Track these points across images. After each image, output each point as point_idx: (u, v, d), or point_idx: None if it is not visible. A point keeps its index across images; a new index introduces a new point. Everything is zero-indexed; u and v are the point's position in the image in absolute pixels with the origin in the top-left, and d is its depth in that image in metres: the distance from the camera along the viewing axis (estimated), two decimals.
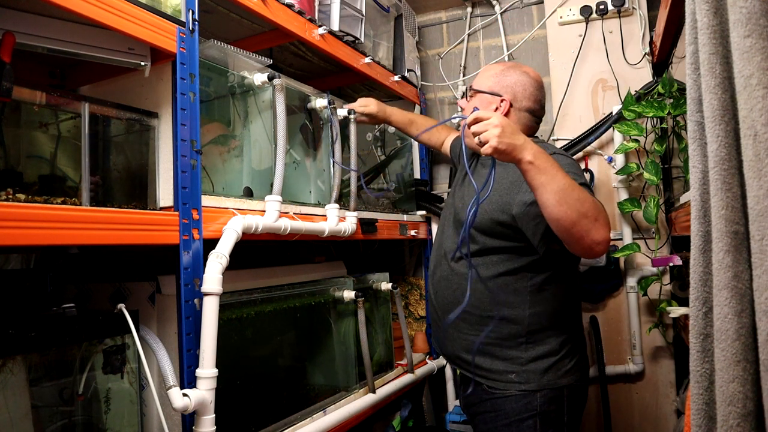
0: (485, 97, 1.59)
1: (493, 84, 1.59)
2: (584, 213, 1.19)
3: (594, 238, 1.21)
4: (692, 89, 0.82)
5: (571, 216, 1.19)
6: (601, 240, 1.21)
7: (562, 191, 1.18)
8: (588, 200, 1.22)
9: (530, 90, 1.58)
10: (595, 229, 1.20)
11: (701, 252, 0.79)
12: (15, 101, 1.02)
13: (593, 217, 1.20)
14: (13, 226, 0.90)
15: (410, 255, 2.69)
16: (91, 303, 1.41)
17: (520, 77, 1.58)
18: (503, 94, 1.56)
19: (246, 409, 1.45)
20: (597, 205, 1.24)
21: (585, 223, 1.19)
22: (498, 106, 1.56)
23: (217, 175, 1.51)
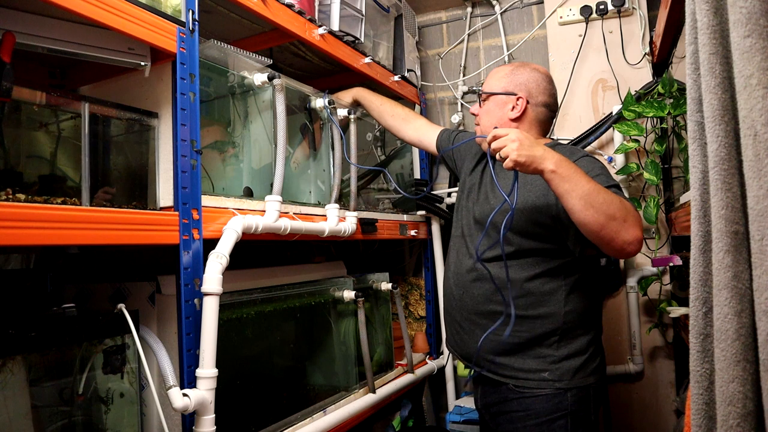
0: (500, 98, 1.58)
1: (506, 84, 1.58)
2: (612, 215, 1.21)
3: (624, 238, 1.22)
4: (692, 89, 0.82)
5: (598, 219, 1.21)
6: (633, 240, 1.22)
7: (587, 196, 1.20)
8: (615, 202, 1.22)
9: (543, 84, 1.57)
10: (625, 230, 1.21)
11: (701, 252, 0.79)
12: (15, 101, 1.02)
13: (621, 218, 1.21)
14: (13, 226, 0.90)
15: (410, 255, 2.69)
16: (91, 303, 1.41)
17: (532, 74, 1.57)
18: (518, 92, 1.55)
19: (246, 409, 1.45)
20: (625, 205, 1.24)
21: (613, 226, 1.21)
22: (514, 104, 1.55)
23: (217, 176, 1.51)
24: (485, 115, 1.60)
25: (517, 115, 1.55)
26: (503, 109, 1.57)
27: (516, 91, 1.56)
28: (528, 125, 1.57)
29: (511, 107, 1.56)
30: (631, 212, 1.24)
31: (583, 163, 1.36)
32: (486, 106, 1.60)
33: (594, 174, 1.33)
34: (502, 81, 1.59)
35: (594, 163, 1.44)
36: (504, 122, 1.55)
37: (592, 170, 1.37)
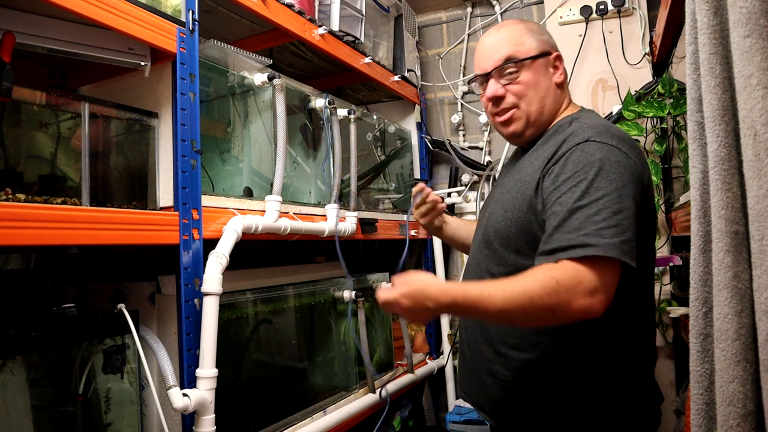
0: (539, 64, 1.22)
1: (538, 44, 1.23)
2: (541, 308, 0.96)
3: (575, 315, 0.97)
4: (692, 89, 0.82)
5: (530, 320, 1.01)
6: (584, 308, 0.96)
7: (501, 311, 0.99)
8: (535, 293, 0.96)
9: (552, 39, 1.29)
10: (568, 309, 0.96)
11: (701, 252, 0.79)
12: (15, 101, 1.02)
13: (555, 303, 0.96)
14: (13, 226, 0.90)
15: (410, 255, 2.69)
16: (91, 303, 1.41)
17: (544, 29, 1.30)
18: (552, 50, 1.25)
19: (246, 409, 1.45)
20: (550, 284, 0.96)
21: (552, 315, 0.98)
22: (555, 66, 1.25)
23: (217, 175, 1.51)
24: (529, 89, 1.21)
25: (561, 79, 1.25)
26: (548, 76, 1.23)
27: (550, 50, 1.24)
28: (566, 90, 1.28)
29: (552, 71, 1.24)
30: (564, 283, 0.96)
31: (574, 156, 1.08)
32: (526, 78, 1.21)
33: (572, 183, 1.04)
34: (530, 39, 1.23)
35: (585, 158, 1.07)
36: (552, 91, 1.24)
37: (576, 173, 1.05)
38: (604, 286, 0.97)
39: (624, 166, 1.05)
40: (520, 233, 1.14)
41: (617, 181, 1.03)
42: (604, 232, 0.98)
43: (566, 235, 1.00)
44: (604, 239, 0.97)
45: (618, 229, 0.98)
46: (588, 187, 1.02)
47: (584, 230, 0.99)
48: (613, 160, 1.05)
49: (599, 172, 1.03)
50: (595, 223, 0.99)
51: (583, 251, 0.97)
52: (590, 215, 1.00)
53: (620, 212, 1.00)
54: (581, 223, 1.00)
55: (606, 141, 1.08)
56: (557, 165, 1.09)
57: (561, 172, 1.07)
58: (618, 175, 1.03)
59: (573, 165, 1.06)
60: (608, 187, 1.02)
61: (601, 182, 1.02)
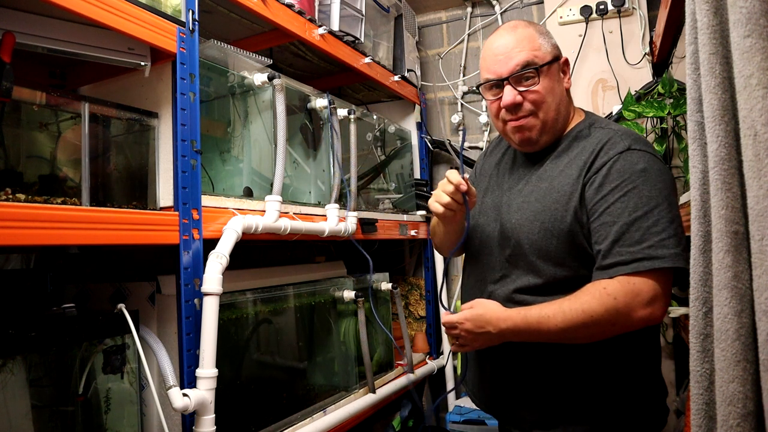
0: (554, 69, 1.19)
1: (552, 49, 1.20)
2: (601, 323, 1.01)
3: (635, 324, 1.02)
4: (692, 89, 0.82)
5: (594, 335, 1.05)
6: (645, 318, 1.01)
7: (561, 334, 1.04)
8: (593, 309, 1.01)
9: None
10: (629, 319, 1.01)
11: (701, 252, 0.79)
12: (15, 101, 1.02)
13: (615, 317, 1.01)
14: (13, 226, 0.90)
15: (410, 255, 2.69)
16: (91, 303, 1.41)
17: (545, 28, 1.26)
18: (561, 54, 1.23)
19: (246, 409, 1.45)
20: (607, 301, 1.01)
21: (614, 327, 1.02)
22: (562, 70, 1.22)
23: (217, 176, 1.51)
24: (549, 95, 1.18)
25: (570, 84, 1.23)
26: (561, 81, 1.21)
27: (560, 54, 1.22)
28: (569, 96, 1.25)
29: (562, 76, 1.21)
30: (622, 298, 1.00)
31: (618, 165, 1.07)
32: (544, 84, 1.17)
33: (621, 192, 1.05)
34: (545, 43, 1.20)
35: (631, 167, 1.07)
36: (564, 97, 1.21)
37: (623, 182, 1.06)
38: (663, 294, 1.02)
39: (666, 173, 1.08)
40: (564, 245, 1.12)
41: (665, 190, 1.05)
42: (667, 242, 1.01)
43: (628, 248, 1.02)
44: (669, 250, 1.01)
45: (677, 238, 1.02)
46: (639, 197, 1.04)
47: (647, 242, 1.02)
48: (656, 168, 1.07)
49: (647, 180, 1.05)
50: (656, 234, 1.02)
51: (651, 264, 1.00)
52: (649, 227, 1.02)
53: (674, 221, 1.03)
54: (642, 236, 1.02)
55: (645, 149, 1.10)
56: (599, 174, 1.09)
57: (605, 182, 1.08)
58: (663, 183, 1.06)
59: (618, 174, 1.07)
60: (659, 197, 1.04)
61: (652, 191, 1.04)
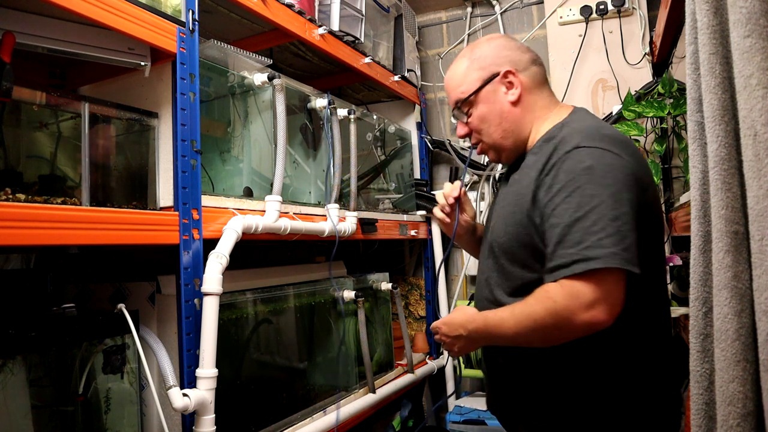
0: (487, 92, 1.21)
1: (479, 74, 1.22)
2: (543, 327, 1.01)
3: (580, 329, 0.99)
4: (692, 89, 0.82)
5: (545, 341, 1.06)
6: (589, 322, 0.98)
7: (515, 335, 1.05)
8: (539, 316, 1.01)
9: (513, 43, 1.24)
10: (573, 324, 0.98)
11: (701, 252, 0.79)
12: (15, 101, 1.02)
13: (559, 322, 0.99)
14: (13, 226, 0.90)
15: (410, 255, 2.69)
16: (91, 303, 1.41)
17: (493, 43, 1.25)
18: (499, 68, 1.20)
19: (246, 409, 1.45)
20: (549, 305, 1.00)
21: (560, 332, 1.01)
22: (506, 84, 1.20)
23: (217, 176, 1.51)
24: (483, 122, 1.23)
25: (517, 94, 1.20)
26: (498, 101, 1.21)
27: (496, 70, 1.20)
28: (532, 98, 1.21)
29: (505, 90, 1.20)
30: (561, 301, 0.98)
31: (565, 165, 1.06)
32: (476, 113, 1.23)
33: (566, 193, 1.03)
34: (469, 75, 1.23)
35: (577, 165, 1.04)
36: (507, 114, 1.21)
37: (569, 182, 1.04)
38: (606, 296, 0.97)
39: (617, 168, 1.02)
40: (523, 248, 1.12)
41: (611, 186, 1.00)
42: (604, 242, 0.96)
43: (567, 250, 0.99)
44: (605, 250, 0.96)
45: (617, 236, 0.97)
46: (582, 196, 1.00)
47: (584, 243, 0.98)
48: (605, 163, 1.02)
49: (591, 178, 1.01)
50: (593, 234, 0.97)
51: (587, 265, 0.96)
52: (588, 227, 0.98)
53: (617, 218, 0.98)
54: (581, 237, 0.98)
55: (596, 145, 1.05)
56: (549, 176, 1.07)
57: (554, 182, 1.06)
58: (611, 179, 1.01)
59: (565, 174, 1.04)
60: (603, 194, 1.00)
61: (596, 189, 1.00)
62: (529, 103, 1.21)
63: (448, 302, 2.56)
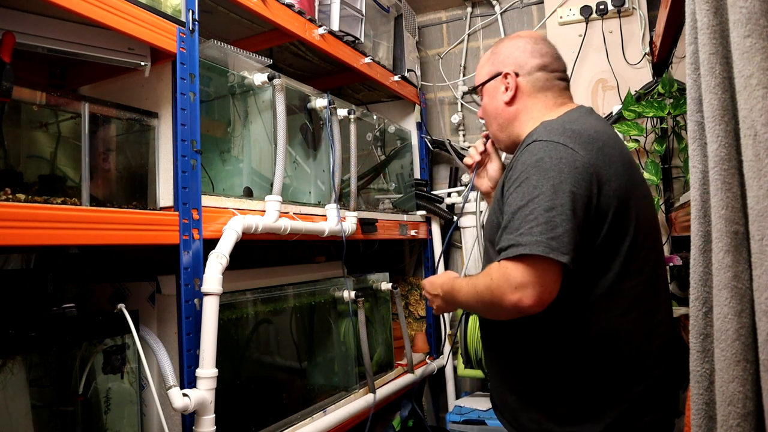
0: (490, 87, 1.34)
1: (490, 69, 1.35)
2: (482, 299, 1.11)
3: (504, 304, 1.05)
4: (692, 89, 0.82)
5: (482, 311, 1.19)
6: (515, 301, 1.03)
7: (466, 302, 1.21)
8: (480, 292, 1.11)
9: (530, 47, 1.31)
10: (503, 304, 1.05)
11: (701, 252, 0.79)
12: (15, 101, 1.02)
13: (494, 297, 1.06)
14: (13, 226, 0.90)
15: (410, 255, 2.69)
16: (91, 303, 1.41)
17: (512, 42, 1.34)
18: (503, 68, 1.31)
19: (246, 409, 1.45)
20: (490, 283, 1.07)
21: (493, 307, 1.09)
22: (506, 85, 1.30)
23: (217, 176, 1.51)
24: (485, 113, 1.38)
25: (510, 96, 1.29)
26: (496, 97, 1.33)
27: (501, 69, 1.31)
28: (530, 100, 1.29)
29: (503, 90, 1.31)
30: (496, 280, 1.06)
31: (522, 157, 1.13)
32: (483, 102, 1.38)
33: (517, 184, 1.10)
34: (485, 68, 1.37)
35: (530, 158, 1.11)
36: (501, 111, 1.32)
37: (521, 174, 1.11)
38: (533, 282, 1.01)
39: (564, 162, 1.07)
40: None
41: (554, 178, 1.05)
42: (534, 230, 1.02)
43: (508, 235, 1.06)
44: (533, 237, 1.02)
45: (547, 225, 1.02)
46: (527, 186, 1.07)
47: (520, 230, 1.04)
48: (554, 156, 1.08)
49: (538, 170, 1.07)
50: (528, 222, 1.04)
51: (516, 250, 1.03)
52: (526, 215, 1.05)
53: (552, 209, 1.03)
54: (519, 224, 1.05)
55: (552, 139, 1.11)
56: (512, 169, 1.15)
57: (512, 174, 1.13)
58: (556, 171, 1.06)
59: (521, 165, 1.11)
60: (544, 185, 1.05)
61: (539, 180, 1.06)
62: (525, 105, 1.29)
63: None
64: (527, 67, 1.29)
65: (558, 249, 1.01)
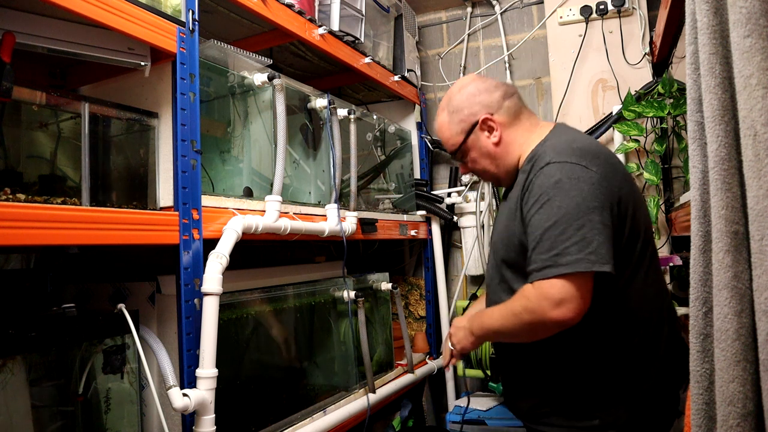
0: (471, 141, 1.34)
1: (459, 127, 1.35)
2: (524, 326, 1.15)
3: (550, 327, 1.12)
4: (692, 89, 0.82)
5: (526, 337, 1.20)
6: (559, 320, 1.09)
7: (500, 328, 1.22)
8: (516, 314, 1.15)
9: (483, 86, 1.34)
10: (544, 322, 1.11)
11: (701, 252, 0.79)
12: (15, 101, 1.02)
13: (532, 319, 1.12)
14: (13, 226, 0.90)
15: (410, 255, 2.69)
16: (91, 303, 1.41)
17: (465, 92, 1.35)
18: (476, 117, 1.32)
19: (246, 409, 1.45)
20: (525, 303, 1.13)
21: (534, 328, 1.14)
22: (486, 129, 1.33)
23: (217, 176, 1.51)
24: (477, 164, 1.38)
25: (497, 136, 1.32)
26: (483, 145, 1.34)
27: (473, 119, 1.33)
28: (512, 130, 1.33)
29: (487, 135, 1.33)
30: (534, 299, 1.11)
31: (538, 180, 1.18)
32: (470, 157, 1.38)
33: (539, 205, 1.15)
34: (452, 130, 1.36)
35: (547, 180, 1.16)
36: (494, 153, 1.34)
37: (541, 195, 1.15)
38: (573, 296, 1.08)
39: (583, 180, 1.13)
40: (518, 255, 1.23)
41: (576, 197, 1.12)
42: (570, 249, 1.09)
43: (540, 256, 1.12)
44: (571, 257, 1.08)
45: (582, 243, 1.09)
46: (551, 207, 1.13)
47: (554, 251, 1.10)
48: (571, 176, 1.14)
49: (559, 191, 1.13)
50: (561, 243, 1.09)
51: (557, 270, 1.09)
52: (557, 235, 1.10)
53: (582, 226, 1.10)
54: (551, 244, 1.10)
55: (564, 159, 1.17)
56: (527, 191, 1.20)
57: (530, 197, 1.18)
58: (576, 190, 1.12)
59: (538, 188, 1.17)
60: (569, 204, 1.11)
61: (563, 200, 1.12)
62: (511, 137, 1.33)
63: (448, 302, 2.56)
64: (495, 103, 1.33)
65: (598, 261, 1.08)
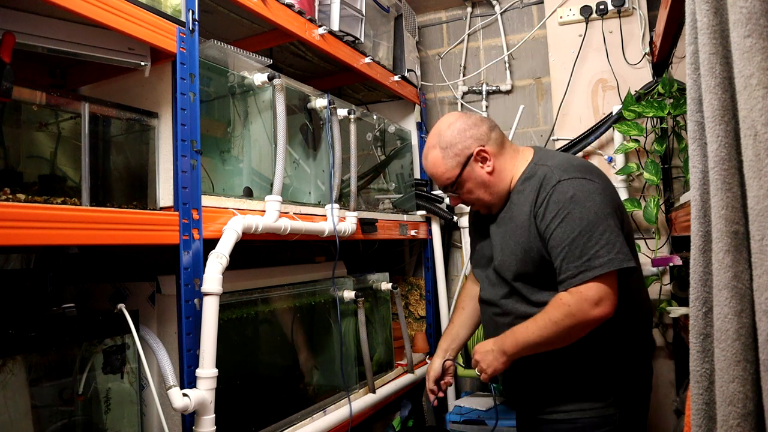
0: (466, 174, 1.43)
1: (455, 161, 1.43)
2: (565, 329, 1.26)
3: (590, 325, 1.26)
4: (692, 89, 0.82)
5: (563, 341, 1.29)
6: (598, 318, 1.24)
7: (539, 347, 1.31)
8: (557, 321, 1.26)
9: (470, 121, 1.44)
10: (584, 322, 1.25)
11: (701, 252, 0.79)
12: (15, 101, 1.02)
13: (574, 323, 1.25)
14: (13, 226, 0.90)
15: (410, 255, 2.69)
16: (91, 303, 1.41)
17: (455, 128, 1.43)
18: (470, 150, 1.41)
19: (246, 409, 1.45)
20: (564, 309, 1.25)
21: (574, 331, 1.27)
22: (480, 160, 1.42)
23: (217, 176, 1.51)
24: (472, 193, 1.46)
25: (491, 165, 1.42)
26: (478, 175, 1.43)
27: (468, 152, 1.42)
28: (501, 159, 1.44)
29: (481, 165, 1.42)
30: (574, 304, 1.24)
31: (554, 197, 1.30)
32: (464, 188, 1.45)
33: (559, 219, 1.28)
34: (447, 165, 1.43)
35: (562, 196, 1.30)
36: (488, 182, 1.43)
37: (560, 211, 1.29)
38: (608, 293, 1.24)
39: (593, 192, 1.30)
40: (537, 268, 1.35)
41: (592, 207, 1.27)
42: (600, 252, 1.24)
43: (572, 264, 1.26)
44: (603, 258, 1.24)
45: (609, 245, 1.25)
46: (572, 219, 1.27)
47: (585, 256, 1.25)
48: (583, 190, 1.30)
49: (576, 205, 1.28)
50: (591, 248, 1.25)
51: (592, 273, 1.24)
52: (585, 243, 1.25)
53: (605, 231, 1.26)
54: (582, 252, 1.25)
55: (572, 176, 1.32)
56: (542, 207, 1.33)
57: (546, 213, 1.31)
58: (591, 201, 1.28)
59: (554, 204, 1.30)
60: (589, 215, 1.27)
61: (582, 212, 1.27)
62: (500, 165, 1.45)
63: (448, 302, 2.56)
64: (484, 136, 1.43)
65: (625, 258, 1.25)
